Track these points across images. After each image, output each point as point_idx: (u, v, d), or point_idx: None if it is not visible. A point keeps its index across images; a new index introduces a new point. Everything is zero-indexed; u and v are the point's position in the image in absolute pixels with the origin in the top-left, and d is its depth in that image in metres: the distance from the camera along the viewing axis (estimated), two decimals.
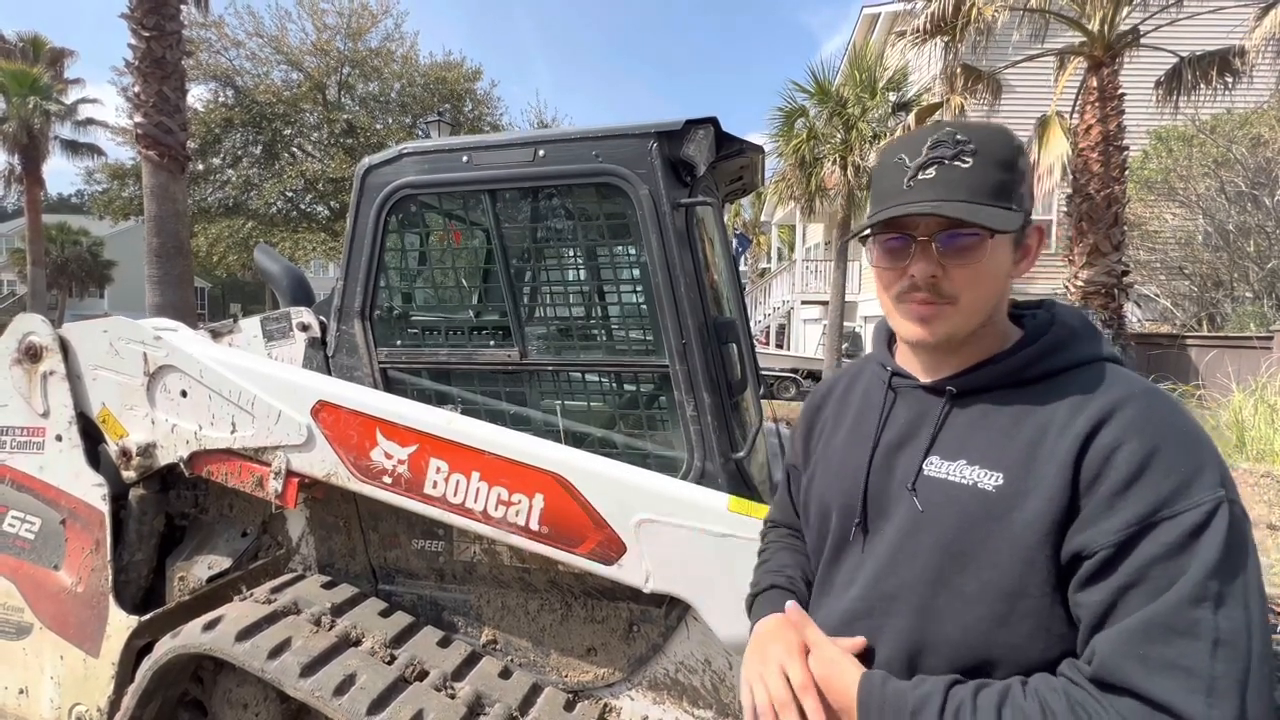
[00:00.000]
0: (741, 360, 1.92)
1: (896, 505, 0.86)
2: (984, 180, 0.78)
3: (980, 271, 0.80)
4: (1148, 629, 0.66)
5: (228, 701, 1.87)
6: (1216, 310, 9.64)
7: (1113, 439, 0.72)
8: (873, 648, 0.83)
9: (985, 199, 0.78)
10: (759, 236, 28.77)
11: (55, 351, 2.06)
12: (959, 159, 0.79)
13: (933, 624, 0.79)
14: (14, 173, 20.70)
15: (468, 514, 1.76)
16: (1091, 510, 0.72)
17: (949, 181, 0.79)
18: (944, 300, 0.82)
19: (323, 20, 17.87)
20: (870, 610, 0.85)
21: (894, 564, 0.84)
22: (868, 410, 0.95)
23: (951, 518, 0.79)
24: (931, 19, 7.94)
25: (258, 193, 18.11)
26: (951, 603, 0.78)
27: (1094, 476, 0.72)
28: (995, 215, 0.77)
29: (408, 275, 2.24)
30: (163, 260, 7.75)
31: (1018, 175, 0.80)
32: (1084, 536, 0.71)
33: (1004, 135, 0.82)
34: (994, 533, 0.76)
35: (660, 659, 1.85)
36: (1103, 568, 0.70)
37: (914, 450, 0.86)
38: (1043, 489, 0.74)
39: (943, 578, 0.79)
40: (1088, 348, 0.82)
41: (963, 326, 0.83)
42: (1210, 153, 9.73)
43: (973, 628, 0.77)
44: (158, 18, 7.75)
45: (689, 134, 1.75)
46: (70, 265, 28.03)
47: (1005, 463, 0.78)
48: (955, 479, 0.80)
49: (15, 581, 2.12)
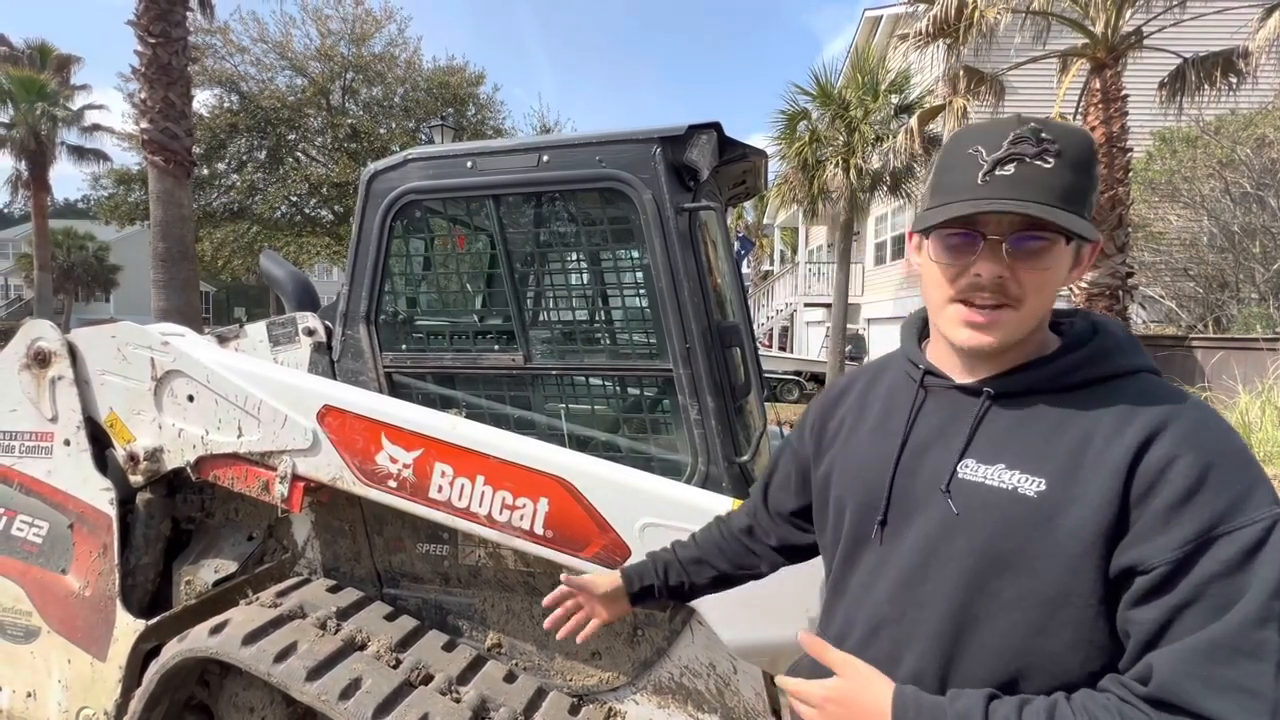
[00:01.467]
0: (745, 364, 1.93)
1: (925, 507, 0.83)
2: (1064, 183, 0.75)
3: (1048, 276, 0.78)
4: (1211, 649, 0.65)
5: (234, 705, 1.88)
6: (1222, 312, 9.60)
7: (1166, 453, 0.71)
8: (900, 655, 0.81)
9: (1063, 203, 0.74)
10: (762, 239, 28.77)
11: (64, 357, 2.08)
12: (1042, 158, 0.75)
13: (969, 630, 0.77)
14: (21, 178, 20.86)
15: (472, 518, 1.76)
16: (1145, 525, 0.70)
17: (1030, 181, 0.75)
18: (1007, 303, 0.78)
19: (327, 26, 17.96)
20: (900, 616, 0.82)
21: (925, 568, 0.81)
22: (895, 408, 0.92)
23: (990, 522, 0.77)
24: (934, 22, 7.93)
25: (262, 197, 18.20)
26: (989, 608, 0.76)
27: (1146, 490, 0.70)
28: (1074, 221, 0.74)
29: (413, 280, 2.25)
30: (168, 265, 7.80)
31: (1093, 181, 0.79)
32: (1138, 551, 0.70)
33: (1085, 138, 0.79)
34: (1035, 539, 0.74)
35: (665, 663, 1.85)
36: (1160, 585, 0.68)
37: (946, 451, 0.83)
38: (1090, 497, 0.72)
39: (980, 583, 0.77)
40: (1131, 358, 0.81)
41: (1020, 332, 0.80)
42: (1215, 154, 9.69)
43: (1010, 635, 0.75)
44: (164, 24, 7.82)
45: (692, 139, 1.76)
46: (76, 270, 28.22)
47: (1047, 468, 0.76)
48: (994, 483, 0.78)
49: (23, 585, 2.14)
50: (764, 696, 1.79)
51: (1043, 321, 0.83)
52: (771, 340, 19.85)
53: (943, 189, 0.81)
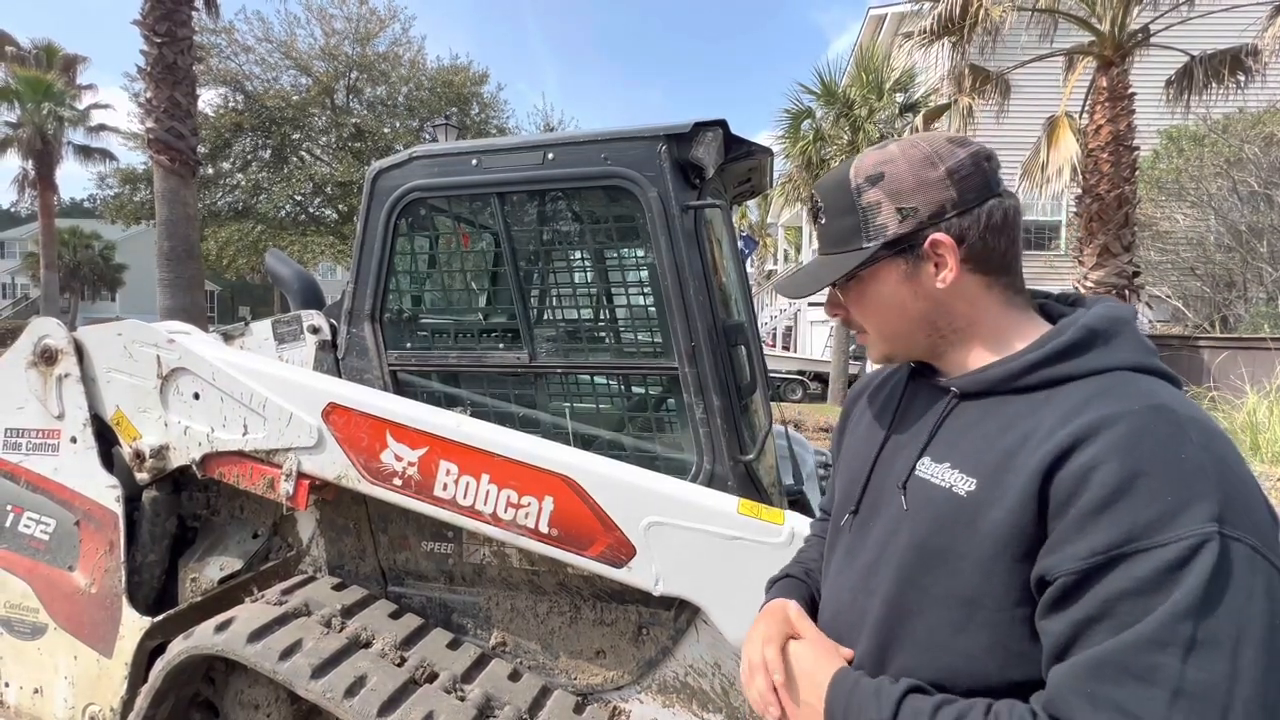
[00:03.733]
0: (751, 363, 1.92)
1: (888, 502, 0.87)
2: (834, 230, 0.88)
3: (866, 304, 0.88)
4: (1100, 666, 0.61)
5: (239, 702, 1.89)
6: (1229, 311, 9.54)
7: (1090, 458, 0.66)
8: (853, 641, 0.86)
9: (834, 248, 0.88)
10: (765, 238, 28.73)
11: (70, 354, 2.09)
12: (819, 217, 0.90)
13: (902, 623, 0.80)
14: (28, 178, 20.99)
15: (477, 516, 1.76)
16: (1060, 533, 0.67)
17: (820, 238, 0.91)
18: (861, 330, 0.93)
19: (331, 25, 18.01)
20: (853, 603, 0.88)
21: (878, 560, 0.85)
22: (888, 405, 0.97)
23: (927, 519, 0.80)
24: (939, 20, 7.90)
25: (267, 196, 18.26)
26: (919, 602, 0.79)
27: (1066, 496, 0.67)
28: (841, 259, 0.86)
29: (417, 278, 2.25)
30: (173, 263, 7.83)
31: (864, 211, 0.83)
32: (1049, 560, 0.67)
33: (838, 181, 0.86)
34: (959, 538, 0.75)
35: (670, 662, 1.85)
36: (1064, 596, 0.65)
37: (912, 449, 0.86)
38: (1006, 500, 0.71)
39: (912, 577, 0.80)
40: (1106, 356, 0.75)
41: (891, 350, 0.91)
42: (1222, 152, 9.63)
43: (935, 630, 0.77)
44: (169, 24, 7.85)
45: (698, 136, 1.75)
46: (82, 269, 28.40)
47: (981, 469, 0.76)
48: (936, 481, 0.80)
49: (30, 582, 2.14)
50: None
51: (949, 326, 0.84)
52: (775, 340, 19.83)
53: None
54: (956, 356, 0.86)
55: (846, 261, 0.84)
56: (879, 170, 0.82)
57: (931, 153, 0.81)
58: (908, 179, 0.81)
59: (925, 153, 0.81)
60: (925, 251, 0.81)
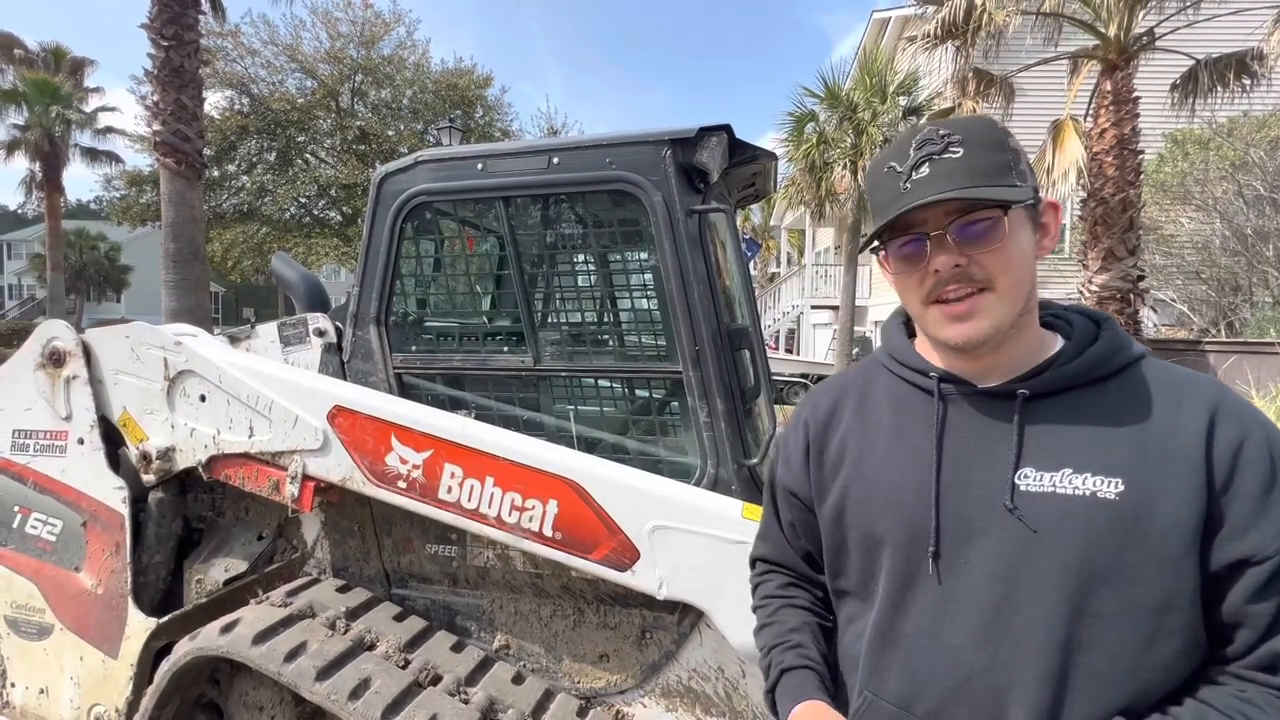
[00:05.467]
0: (754, 367, 1.92)
1: (987, 529, 0.76)
2: (981, 163, 0.76)
3: (1008, 252, 0.76)
4: None
5: (244, 704, 1.89)
6: (1235, 315, 9.50)
7: (1235, 435, 0.71)
8: (1003, 707, 0.72)
9: (984, 180, 0.75)
10: (768, 241, 28.72)
11: (78, 356, 2.10)
12: (949, 150, 0.76)
13: (1077, 659, 0.70)
14: (35, 180, 21.12)
15: (481, 519, 1.77)
16: (1242, 513, 0.69)
17: (946, 173, 0.76)
18: (979, 288, 0.76)
19: (336, 28, 18.11)
20: (993, 662, 0.73)
21: (1011, 600, 0.73)
22: (910, 422, 0.85)
23: (1075, 535, 0.71)
24: (942, 24, 7.89)
25: (271, 199, 18.35)
26: (1094, 631, 0.70)
27: (1229, 475, 0.69)
28: (999, 190, 0.75)
29: (423, 281, 2.26)
30: (179, 265, 7.87)
31: (1012, 153, 0.78)
32: (1248, 542, 0.68)
33: (986, 120, 0.81)
34: (1129, 545, 0.69)
35: (673, 666, 1.85)
36: (1276, 574, 0.67)
37: (995, 463, 0.77)
38: (1175, 492, 0.70)
39: (1081, 604, 0.70)
40: (1135, 344, 0.81)
41: (1006, 316, 0.77)
42: (1227, 156, 9.60)
43: (1121, 654, 0.69)
44: (176, 27, 7.90)
45: (702, 141, 1.76)
46: (88, 270, 28.54)
47: (1118, 466, 0.72)
48: (1066, 490, 0.73)
49: (37, 582, 2.15)
50: None
51: (1031, 304, 0.81)
52: (778, 343, 19.80)
53: (876, 210, 0.83)
54: (1014, 345, 0.80)
55: (1017, 191, 0.75)
56: None
57: None
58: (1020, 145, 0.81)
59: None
60: (1046, 212, 0.81)
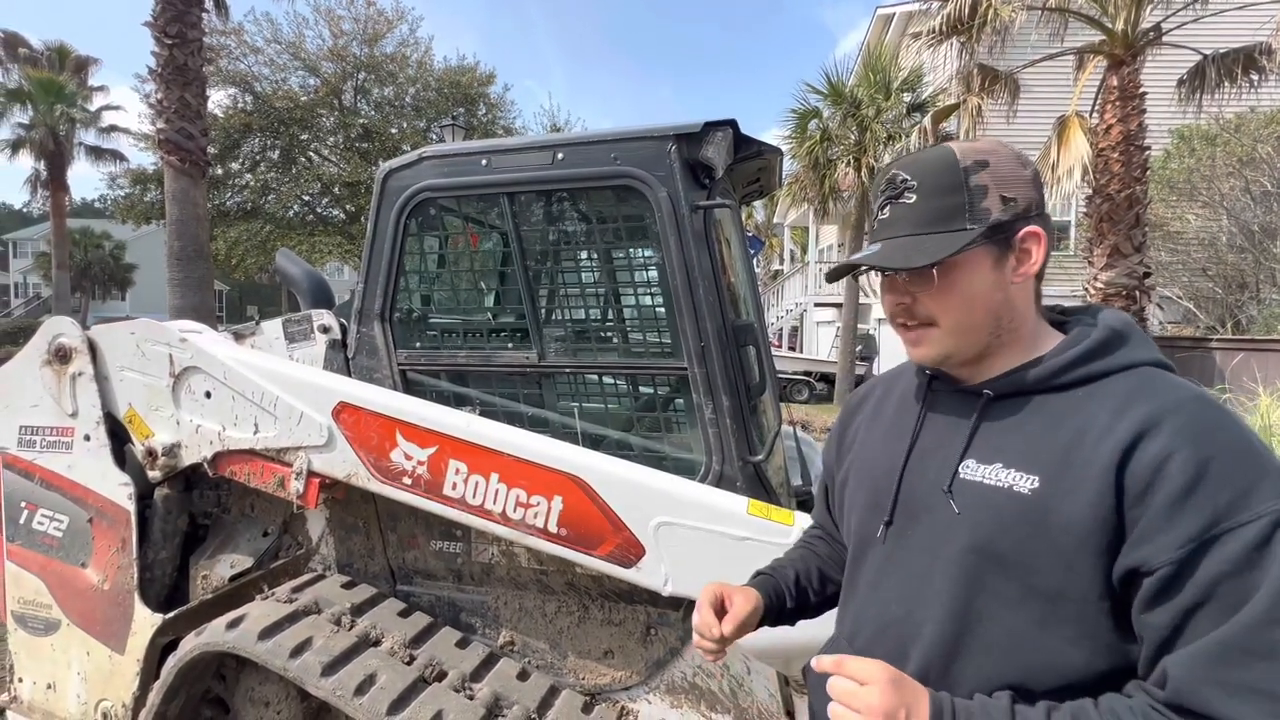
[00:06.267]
0: (760, 363, 1.91)
1: (930, 508, 0.86)
2: (929, 211, 0.82)
3: (949, 294, 0.82)
4: (1224, 652, 0.64)
5: (250, 699, 1.90)
6: (1241, 312, 9.45)
7: (1161, 448, 0.70)
8: (907, 653, 0.83)
9: (930, 228, 0.82)
10: (771, 238, 28.67)
11: (84, 353, 2.10)
12: (903, 196, 0.84)
13: (972, 628, 0.79)
14: (40, 178, 21.19)
15: (486, 515, 1.77)
16: (1147, 524, 0.69)
17: (899, 219, 0.84)
18: (923, 324, 0.85)
19: (339, 26, 18.13)
20: (906, 615, 0.85)
21: (930, 568, 0.83)
22: (905, 413, 0.96)
23: (988, 520, 0.79)
24: (947, 20, 7.85)
25: (275, 196, 18.39)
26: (991, 606, 0.78)
27: (1144, 487, 0.70)
28: (927, 245, 0.80)
29: (427, 278, 2.25)
30: (183, 263, 7.89)
31: (971, 193, 0.81)
32: (1141, 552, 0.69)
33: (943, 160, 0.83)
34: (1031, 535, 0.75)
35: (678, 662, 1.84)
36: (1166, 586, 0.68)
37: (949, 453, 0.85)
38: (1080, 493, 0.73)
39: (979, 580, 0.79)
40: (1132, 352, 0.81)
41: (955, 346, 0.85)
42: (1235, 152, 9.54)
43: (1015, 631, 0.76)
44: (180, 25, 7.91)
45: (707, 136, 1.75)
46: (93, 268, 28.66)
47: (1040, 465, 0.77)
48: (991, 481, 0.80)
49: (44, 578, 2.16)
50: (777, 698, 1.78)
51: (1007, 325, 0.84)
52: (781, 340, 19.78)
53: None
54: (995, 359, 0.86)
55: (950, 241, 0.79)
56: (984, 157, 0.83)
57: (1019, 154, 0.85)
58: (1009, 170, 0.83)
59: (1015, 152, 0.85)
60: (1015, 243, 0.82)
